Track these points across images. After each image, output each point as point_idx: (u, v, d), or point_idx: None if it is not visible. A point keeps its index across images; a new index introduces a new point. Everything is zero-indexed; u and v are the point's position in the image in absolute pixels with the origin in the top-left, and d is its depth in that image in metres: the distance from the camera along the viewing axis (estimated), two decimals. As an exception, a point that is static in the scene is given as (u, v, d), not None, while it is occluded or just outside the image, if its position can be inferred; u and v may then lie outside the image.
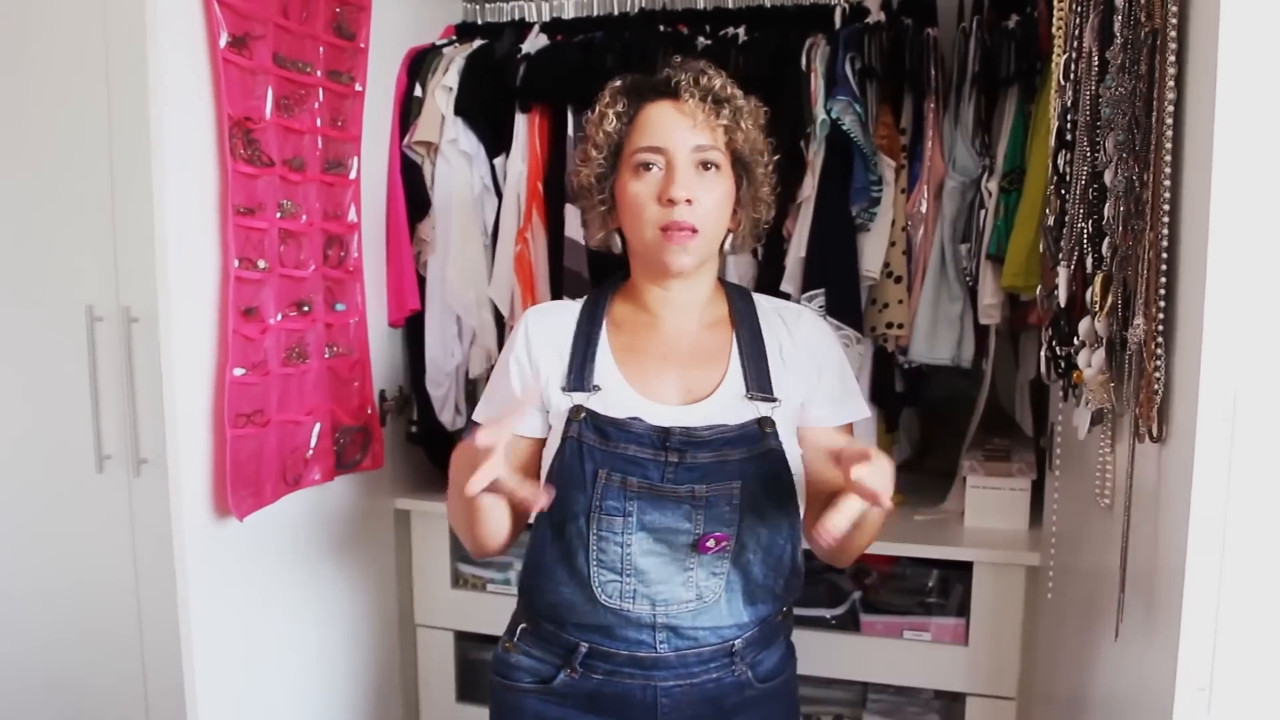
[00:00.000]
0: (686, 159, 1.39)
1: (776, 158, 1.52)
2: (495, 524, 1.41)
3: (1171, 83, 1.14)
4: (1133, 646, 1.24)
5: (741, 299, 1.53)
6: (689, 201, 1.38)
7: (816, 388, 1.48)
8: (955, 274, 2.01)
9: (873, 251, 2.01)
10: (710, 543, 1.38)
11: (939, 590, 2.10)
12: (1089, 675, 1.47)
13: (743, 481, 1.39)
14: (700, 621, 1.41)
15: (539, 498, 1.28)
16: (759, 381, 1.44)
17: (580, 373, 1.44)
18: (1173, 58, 1.14)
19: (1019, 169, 1.94)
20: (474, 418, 1.54)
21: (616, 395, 1.43)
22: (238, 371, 1.72)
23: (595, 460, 1.39)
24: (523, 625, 1.52)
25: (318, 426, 1.92)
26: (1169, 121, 1.14)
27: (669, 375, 1.45)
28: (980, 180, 1.99)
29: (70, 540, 2.18)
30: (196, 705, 1.73)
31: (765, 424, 1.41)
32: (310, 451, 1.92)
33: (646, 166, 1.41)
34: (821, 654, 2.07)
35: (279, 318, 1.81)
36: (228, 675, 1.82)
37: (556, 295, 2.13)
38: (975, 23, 2.02)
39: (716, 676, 1.44)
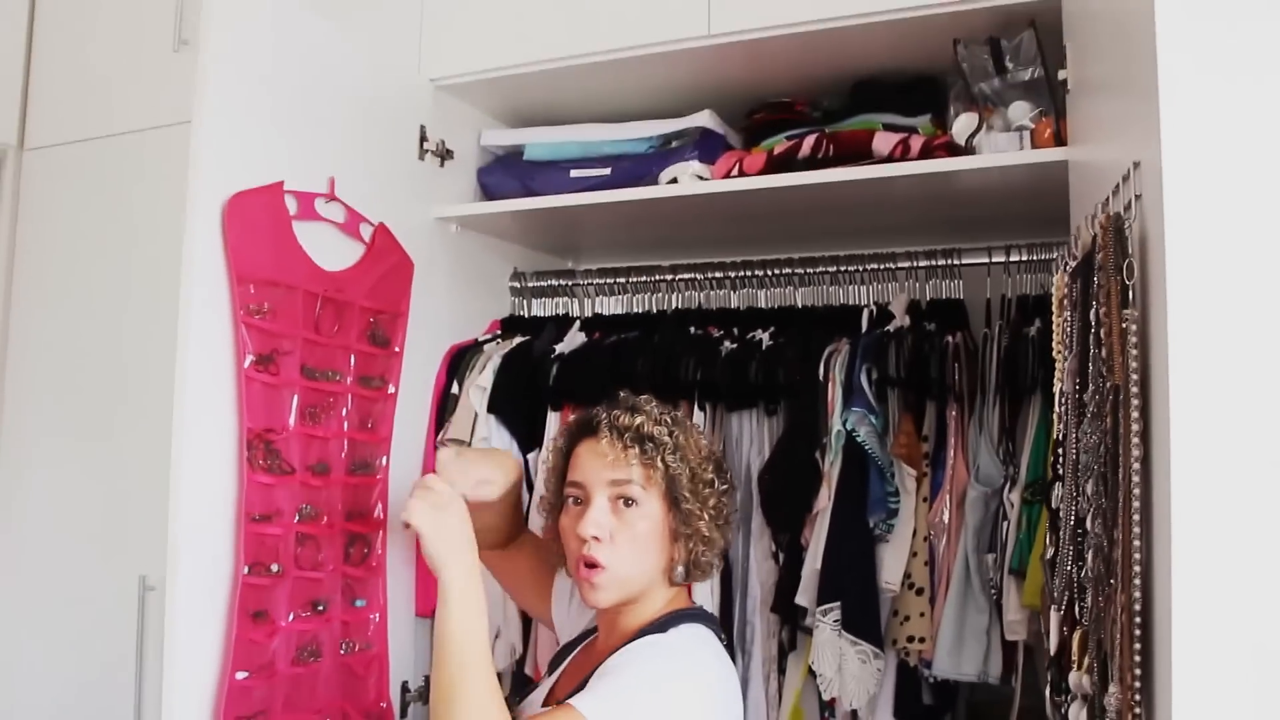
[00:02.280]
0: (603, 493, 1.50)
1: (724, 489, 1.58)
2: None
3: (1136, 440, 1.12)
4: None
5: (653, 629, 1.49)
6: (596, 539, 1.48)
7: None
8: (981, 586, 1.94)
9: (893, 562, 1.97)
10: None
11: None
12: None
13: None
14: None
15: None
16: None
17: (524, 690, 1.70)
18: (1136, 414, 1.12)
19: (1042, 480, 1.90)
20: None
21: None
22: (240, 675, 1.72)
23: None
24: None
25: (327, 725, 1.91)
26: (1135, 480, 1.12)
27: (561, 684, 1.56)
28: (1004, 490, 1.95)
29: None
30: None
31: None
32: (318, 752, 1.90)
33: (576, 501, 1.54)
34: None
35: (291, 618, 1.83)
36: None
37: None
38: (998, 329, 2.04)
39: None
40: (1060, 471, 1.45)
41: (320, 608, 1.90)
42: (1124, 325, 1.15)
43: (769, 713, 2.08)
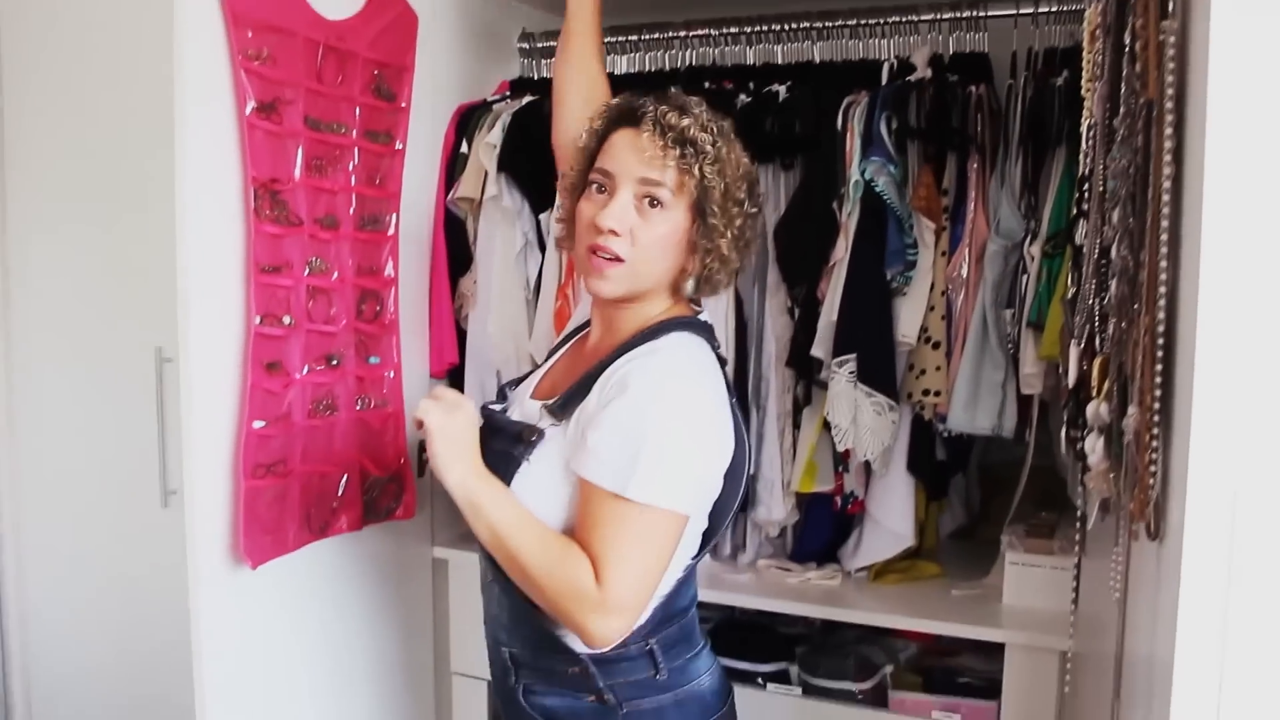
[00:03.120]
0: (629, 191, 1.41)
1: (753, 211, 1.50)
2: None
3: (1169, 157, 1.07)
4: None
5: (650, 335, 1.45)
6: (614, 233, 1.39)
7: (589, 430, 1.38)
8: (998, 341, 1.93)
9: (909, 316, 1.95)
10: None
11: (972, 670, 2.01)
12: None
13: (493, 470, 1.42)
14: (489, 608, 1.54)
15: None
16: (564, 401, 1.43)
17: (515, 384, 1.63)
18: (1170, 130, 1.07)
19: (1064, 233, 1.86)
20: None
21: (516, 395, 1.59)
22: (257, 424, 1.75)
23: None
24: None
25: (345, 478, 1.94)
26: (1165, 199, 1.08)
27: (547, 380, 1.55)
28: (1024, 244, 1.91)
29: (136, 571, 2.28)
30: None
31: (530, 432, 1.42)
32: (337, 501, 1.94)
33: (599, 189, 1.44)
34: (847, 729, 2.00)
35: (305, 371, 1.84)
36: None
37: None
38: (1024, 80, 1.96)
39: (500, 676, 1.54)
40: (1085, 207, 1.40)
41: (334, 362, 1.91)
42: (1161, 38, 1.09)
43: (784, 467, 2.10)
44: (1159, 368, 1.07)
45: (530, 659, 1.47)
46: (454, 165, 2.25)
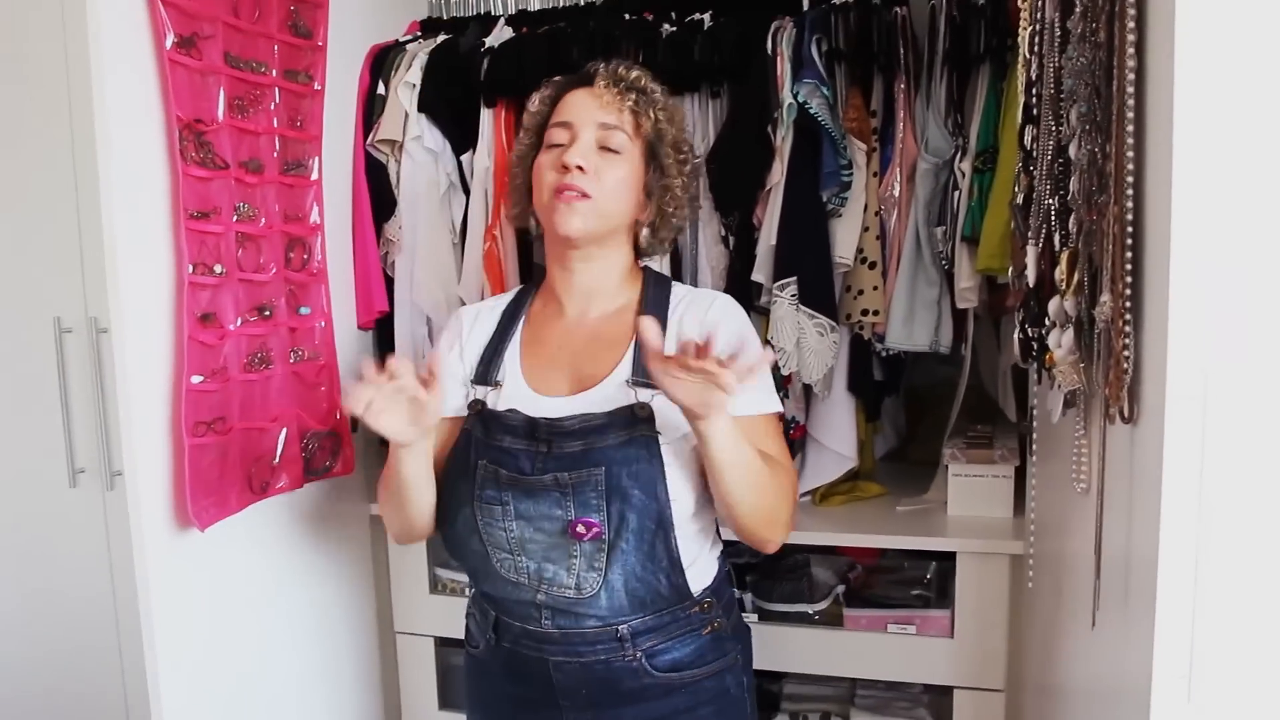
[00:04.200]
0: (590, 134, 1.47)
1: (696, 162, 1.59)
2: (421, 503, 1.49)
3: (1131, 49, 1.10)
4: (1110, 634, 1.20)
5: (657, 285, 1.57)
6: (582, 169, 1.45)
7: None
8: (931, 258, 1.96)
9: (845, 237, 1.97)
10: (580, 528, 1.40)
11: (924, 582, 2.06)
12: (1069, 665, 1.43)
13: (607, 467, 1.39)
14: (580, 610, 1.44)
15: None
16: (645, 368, 1.40)
17: (487, 368, 1.53)
18: (1132, 24, 1.10)
19: (992, 148, 1.90)
20: None
21: (511, 389, 1.51)
22: (195, 379, 1.68)
23: (478, 452, 1.46)
24: (471, 588, 1.62)
25: (284, 433, 1.88)
26: (1130, 90, 1.10)
27: (564, 368, 1.51)
28: (954, 161, 1.94)
29: (46, 555, 2.15)
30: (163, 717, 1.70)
31: (640, 409, 1.42)
32: (277, 458, 1.88)
33: (556, 144, 1.49)
34: (806, 650, 2.04)
35: (239, 323, 1.77)
36: (200, 687, 1.78)
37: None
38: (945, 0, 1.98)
39: (605, 659, 1.46)
40: (1034, 112, 1.43)
41: (266, 313, 1.85)
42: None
43: (723, 397, 2.11)
44: (1129, 255, 1.10)
45: (652, 623, 1.46)
46: (370, 107, 2.19)
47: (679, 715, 1.49)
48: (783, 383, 2.06)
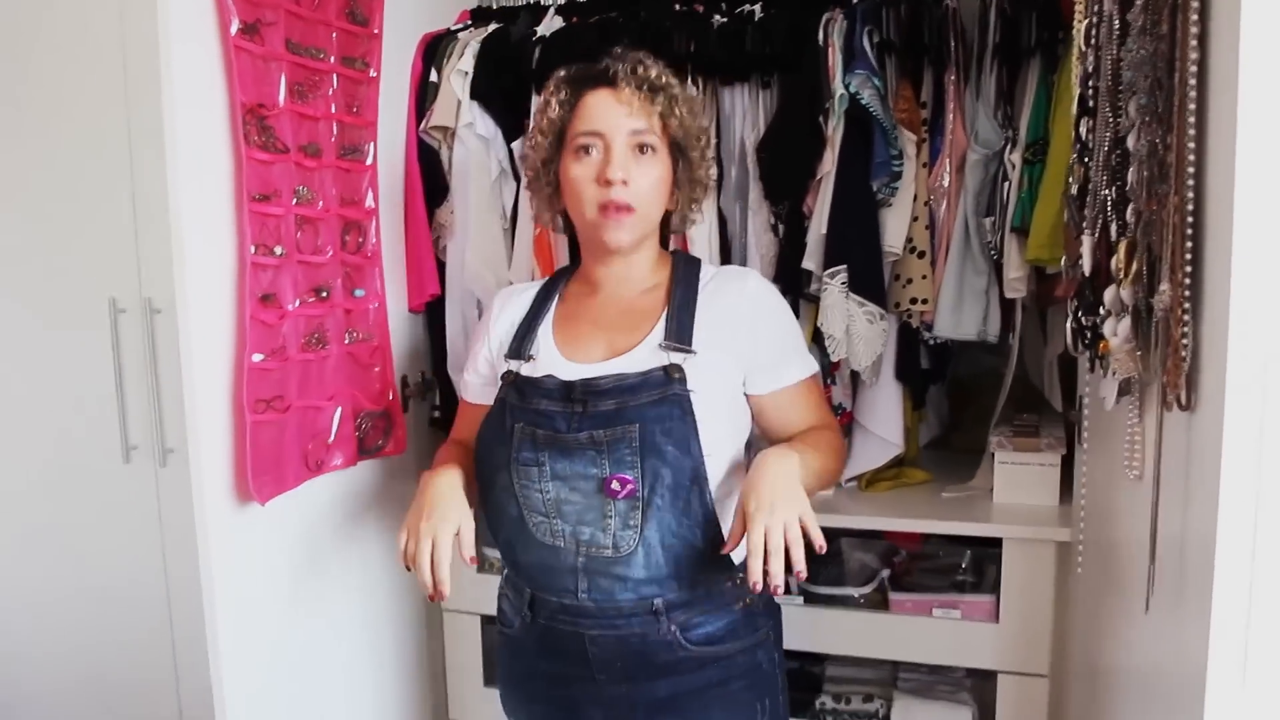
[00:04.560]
0: (623, 142, 1.50)
1: (716, 142, 1.69)
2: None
3: (1194, 42, 1.11)
4: (1164, 618, 1.21)
5: (686, 264, 1.62)
6: (624, 182, 1.49)
7: (754, 350, 1.54)
8: (980, 248, 1.98)
9: (895, 227, 1.98)
10: (615, 485, 1.44)
11: (969, 568, 2.08)
12: (1120, 649, 1.45)
13: (641, 424, 1.44)
14: (618, 571, 1.47)
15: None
16: (678, 333, 1.50)
17: (521, 343, 1.59)
18: (1195, 17, 1.11)
19: (1042, 140, 1.91)
20: (451, 372, 1.80)
21: (546, 359, 1.56)
22: (256, 357, 1.72)
23: (513, 416, 1.52)
24: (505, 570, 1.66)
25: (339, 412, 1.92)
26: (1192, 83, 1.11)
27: (598, 338, 1.56)
28: (1003, 153, 1.95)
29: (98, 532, 2.19)
30: (224, 692, 1.74)
31: (672, 370, 1.47)
32: (332, 437, 1.92)
33: (586, 150, 1.52)
34: (851, 633, 2.06)
35: (297, 304, 1.81)
36: (254, 661, 1.82)
37: (575, 259, 2.12)
38: (997, -8, 1.99)
39: (640, 632, 1.50)
40: (1091, 104, 1.44)
41: (323, 294, 1.88)
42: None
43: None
44: (1189, 245, 1.11)
45: (688, 597, 1.50)
46: (423, 95, 2.22)
47: (712, 688, 1.53)
48: (830, 369, 2.08)
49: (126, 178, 2.02)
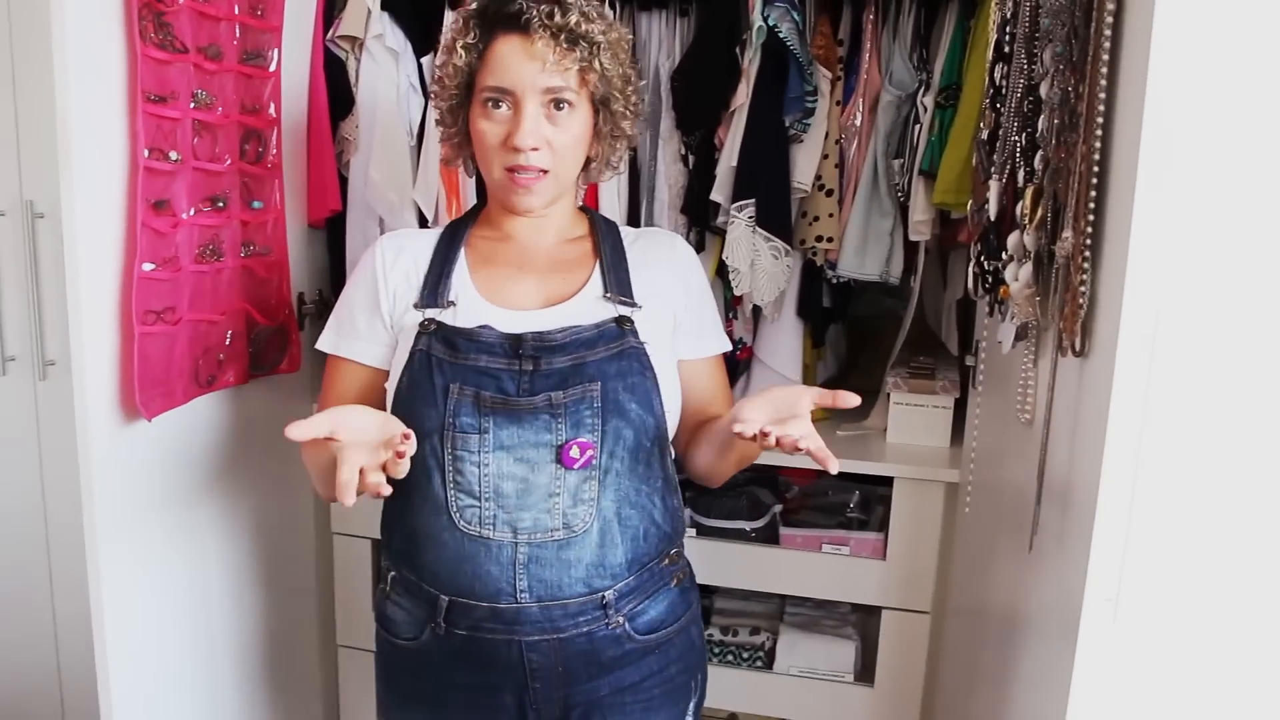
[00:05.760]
0: (536, 101, 1.35)
1: (641, 82, 1.50)
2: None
3: (1111, -8, 1.12)
4: (1045, 559, 1.25)
5: (606, 223, 1.54)
6: (536, 149, 1.36)
7: (685, 312, 1.48)
8: (887, 189, 1.99)
9: (805, 164, 1.99)
10: (574, 451, 1.31)
11: (858, 506, 2.12)
12: (1002, 588, 1.49)
13: (602, 381, 1.33)
14: (567, 555, 1.33)
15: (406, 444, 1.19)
16: (619, 285, 1.42)
17: (434, 289, 1.42)
18: (1113, -33, 1.12)
19: (956, 85, 1.92)
20: (319, 346, 1.51)
21: (470, 308, 1.40)
22: (147, 266, 1.65)
23: (445, 374, 1.34)
24: (392, 572, 1.46)
25: (231, 328, 1.87)
26: (1107, 33, 1.12)
27: (526, 283, 1.44)
28: (916, 95, 1.96)
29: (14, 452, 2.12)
30: (104, 616, 1.69)
31: (624, 322, 1.38)
32: (223, 353, 1.86)
33: (495, 104, 1.37)
34: (740, 566, 2.09)
35: (192, 213, 1.73)
36: (136, 583, 1.77)
37: (481, 198, 2.06)
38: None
39: (587, 631, 1.36)
40: (1006, 50, 1.45)
41: (220, 204, 1.81)
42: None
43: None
44: (1093, 194, 1.13)
45: (635, 582, 1.39)
46: (331, 2, 2.14)
47: (652, 678, 1.44)
48: (733, 303, 2.08)
49: (7, 72, 1.93)
